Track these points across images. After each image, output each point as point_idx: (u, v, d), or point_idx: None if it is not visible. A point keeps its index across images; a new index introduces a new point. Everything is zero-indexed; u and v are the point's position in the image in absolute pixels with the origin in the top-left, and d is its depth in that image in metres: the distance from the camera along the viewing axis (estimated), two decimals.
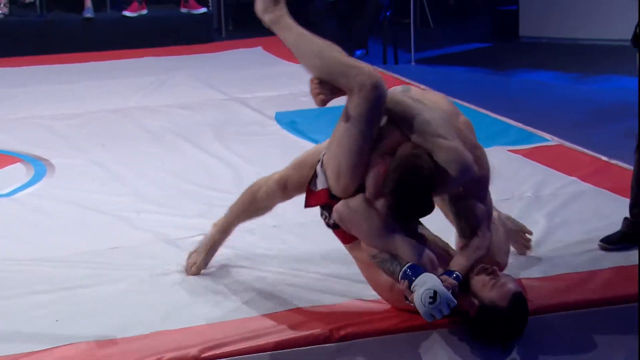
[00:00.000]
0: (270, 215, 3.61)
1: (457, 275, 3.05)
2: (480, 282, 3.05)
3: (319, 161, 3.26)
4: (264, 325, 3.14)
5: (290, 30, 3.31)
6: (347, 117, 3.18)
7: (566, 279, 3.41)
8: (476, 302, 3.03)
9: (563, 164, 4.75)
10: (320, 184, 3.24)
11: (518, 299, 3.01)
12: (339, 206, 3.15)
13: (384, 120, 3.20)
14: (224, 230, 3.57)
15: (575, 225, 3.97)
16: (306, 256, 3.70)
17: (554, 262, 3.57)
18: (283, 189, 3.44)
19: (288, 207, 3.58)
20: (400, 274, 3.01)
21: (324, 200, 3.22)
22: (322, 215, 3.29)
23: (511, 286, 3.03)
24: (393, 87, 3.32)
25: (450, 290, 2.98)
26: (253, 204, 3.53)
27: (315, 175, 3.28)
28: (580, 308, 3.22)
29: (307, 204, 3.31)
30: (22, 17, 8.40)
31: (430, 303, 2.94)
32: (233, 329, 3.11)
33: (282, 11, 3.32)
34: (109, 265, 3.66)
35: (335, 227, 3.24)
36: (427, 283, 2.96)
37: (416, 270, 3.01)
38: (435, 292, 2.94)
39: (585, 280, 3.38)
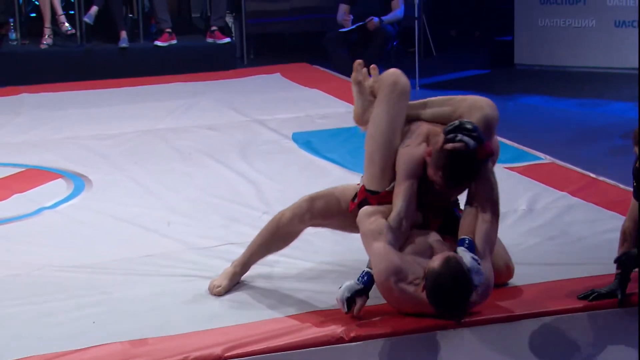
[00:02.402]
0: None
1: (469, 240, 3.08)
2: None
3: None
4: (281, 326, 3.12)
5: None
6: (375, 108, 3.30)
7: (559, 285, 3.39)
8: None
9: (555, 180, 4.72)
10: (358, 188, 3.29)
11: (448, 259, 2.96)
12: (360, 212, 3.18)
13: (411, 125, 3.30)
14: (243, 266, 3.48)
15: (566, 235, 3.96)
16: (321, 264, 3.68)
17: (547, 269, 3.55)
18: (310, 209, 3.36)
19: None
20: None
21: (362, 196, 3.24)
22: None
23: (446, 254, 3.00)
24: None
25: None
26: (277, 232, 3.43)
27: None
28: (574, 312, 3.20)
29: (350, 210, 3.31)
30: (64, 47, 8.43)
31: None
32: (253, 331, 3.10)
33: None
34: (142, 272, 3.65)
35: None
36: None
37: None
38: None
39: (578, 285, 3.36)
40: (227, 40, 8.72)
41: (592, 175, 4.76)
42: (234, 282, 3.44)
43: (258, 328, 3.11)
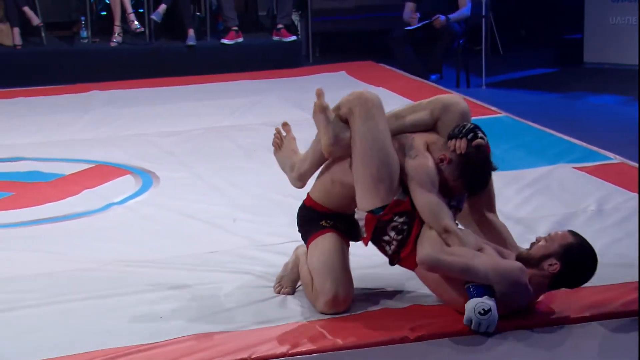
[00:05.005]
0: None
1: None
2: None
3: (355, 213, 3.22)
4: (346, 325, 3.12)
5: None
6: (360, 128, 3.17)
7: (630, 286, 3.33)
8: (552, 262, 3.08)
9: (625, 181, 4.63)
10: (362, 222, 3.18)
11: (572, 232, 3.18)
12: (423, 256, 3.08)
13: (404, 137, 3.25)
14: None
15: (636, 236, 3.87)
16: (383, 264, 3.67)
17: (616, 271, 3.48)
18: None
19: None
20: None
21: (372, 223, 3.16)
22: (381, 248, 3.22)
23: (564, 231, 3.21)
24: None
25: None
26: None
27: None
28: None
29: (366, 241, 3.24)
30: (133, 45, 8.56)
31: (481, 314, 2.97)
32: (318, 329, 3.10)
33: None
34: (208, 268, 3.68)
35: (395, 256, 3.19)
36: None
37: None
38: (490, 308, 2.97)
39: None
40: (293, 38, 8.75)
41: None
42: (297, 283, 3.45)
43: (322, 326, 3.11)
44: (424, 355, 2.98)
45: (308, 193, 3.43)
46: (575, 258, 3.09)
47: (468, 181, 3.19)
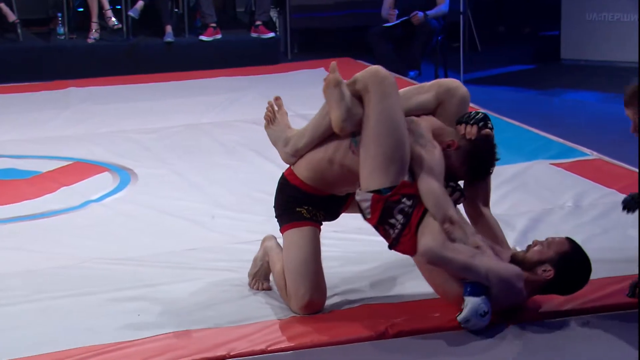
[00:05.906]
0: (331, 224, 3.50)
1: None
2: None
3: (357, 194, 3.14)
4: (325, 322, 3.13)
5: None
6: (377, 105, 3.10)
7: (606, 282, 3.35)
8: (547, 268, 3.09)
9: (602, 177, 4.67)
10: (366, 203, 3.09)
11: (569, 239, 3.16)
12: (426, 247, 3.02)
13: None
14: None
15: (613, 232, 3.91)
16: (364, 258, 3.68)
17: (593, 267, 3.50)
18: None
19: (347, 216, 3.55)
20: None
21: (379, 205, 3.07)
22: (384, 231, 3.12)
23: (561, 238, 3.19)
24: None
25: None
26: None
27: (360, 209, 3.14)
28: (619, 310, 3.17)
29: (372, 222, 3.14)
30: (110, 42, 8.52)
31: (481, 315, 3.00)
32: (297, 326, 3.10)
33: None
34: (187, 265, 3.68)
35: (397, 240, 3.10)
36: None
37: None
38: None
39: (626, 282, 3.32)
40: (272, 35, 8.75)
41: None
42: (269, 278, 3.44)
43: (301, 323, 3.12)
44: (402, 351, 2.99)
45: (292, 169, 3.34)
46: (569, 267, 3.10)
47: (472, 168, 3.20)
